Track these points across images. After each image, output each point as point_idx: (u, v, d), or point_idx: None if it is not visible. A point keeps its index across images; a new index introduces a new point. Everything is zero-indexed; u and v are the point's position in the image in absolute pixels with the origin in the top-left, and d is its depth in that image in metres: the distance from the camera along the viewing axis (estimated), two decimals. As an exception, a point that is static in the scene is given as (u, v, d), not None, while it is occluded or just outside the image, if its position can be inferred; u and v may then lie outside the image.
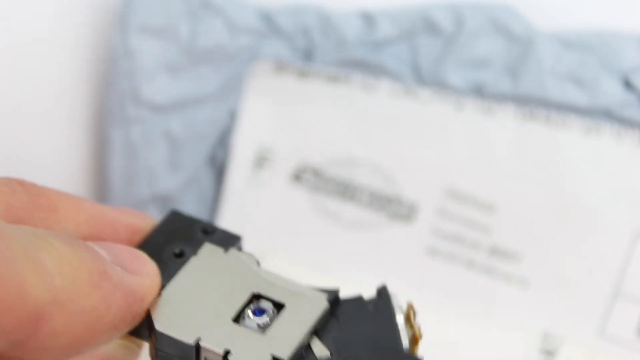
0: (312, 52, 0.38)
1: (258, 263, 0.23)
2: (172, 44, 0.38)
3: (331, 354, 0.21)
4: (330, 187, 0.38)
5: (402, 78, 0.38)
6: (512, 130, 0.37)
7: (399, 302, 0.22)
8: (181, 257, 0.23)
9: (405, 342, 0.22)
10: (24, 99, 0.39)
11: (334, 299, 0.22)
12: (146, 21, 0.38)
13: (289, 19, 0.39)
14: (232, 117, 0.39)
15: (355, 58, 0.38)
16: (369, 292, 0.23)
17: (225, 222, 0.38)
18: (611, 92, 0.36)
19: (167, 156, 0.39)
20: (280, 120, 0.39)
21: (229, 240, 0.24)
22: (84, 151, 0.40)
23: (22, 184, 0.22)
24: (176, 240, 0.24)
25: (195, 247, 0.23)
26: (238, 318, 0.22)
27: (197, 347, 0.21)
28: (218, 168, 0.39)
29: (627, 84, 0.37)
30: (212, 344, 0.21)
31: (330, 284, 0.23)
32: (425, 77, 0.38)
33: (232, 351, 0.21)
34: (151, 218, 0.25)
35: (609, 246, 0.36)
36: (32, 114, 0.39)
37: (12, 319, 0.18)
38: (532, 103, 0.37)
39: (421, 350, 0.22)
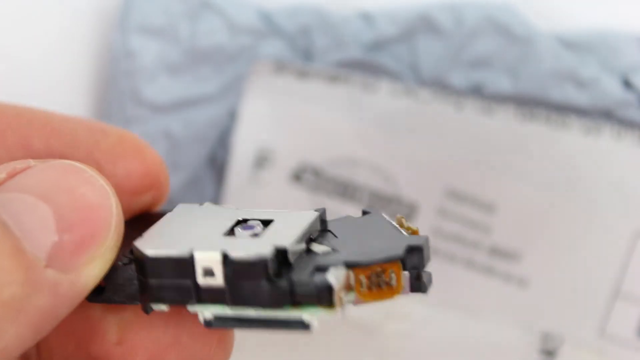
0: (312, 52, 0.38)
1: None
2: (172, 44, 0.38)
3: (333, 249, 0.20)
4: (330, 187, 0.38)
5: (402, 78, 0.38)
6: (512, 130, 0.37)
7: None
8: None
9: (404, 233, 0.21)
10: (24, 99, 0.39)
11: (322, 212, 0.22)
12: (146, 21, 0.38)
13: (289, 19, 0.38)
14: (232, 117, 0.39)
15: (355, 58, 0.38)
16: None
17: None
18: (611, 92, 0.36)
19: (167, 156, 0.39)
20: (280, 120, 0.39)
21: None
22: (84, 151, 0.40)
23: None
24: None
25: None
26: (229, 234, 0.21)
27: (192, 259, 0.19)
28: (218, 168, 0.39)
29: (627, 84, 0.37)
30: (208, 250, 0.20)
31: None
32: (425, 77, 0.38)
33: (230, 253, 0.19)
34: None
35: (609, 246, 0.36)
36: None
37: None
38: (532, 103, 0.37)
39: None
